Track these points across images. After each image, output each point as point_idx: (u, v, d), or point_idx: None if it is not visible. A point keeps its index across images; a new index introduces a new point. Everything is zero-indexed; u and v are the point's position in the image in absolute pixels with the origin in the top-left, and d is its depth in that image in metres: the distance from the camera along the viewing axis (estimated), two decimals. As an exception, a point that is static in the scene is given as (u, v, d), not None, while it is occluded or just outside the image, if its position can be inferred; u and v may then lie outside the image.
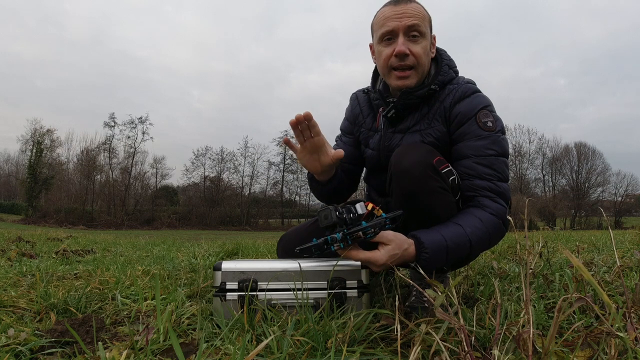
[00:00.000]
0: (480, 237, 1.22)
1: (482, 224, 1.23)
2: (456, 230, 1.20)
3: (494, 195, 1.28)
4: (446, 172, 1.24)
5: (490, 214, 1.25)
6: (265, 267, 1.21)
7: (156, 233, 16.48)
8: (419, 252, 1.17)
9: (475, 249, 1.24)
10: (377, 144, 1.48)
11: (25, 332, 1.06)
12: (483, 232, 1.22)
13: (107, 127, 36.42)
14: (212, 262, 2.52)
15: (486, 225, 1.23)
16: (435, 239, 1.17)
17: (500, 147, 1.31)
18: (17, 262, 2.52)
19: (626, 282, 1.52)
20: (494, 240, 1.29)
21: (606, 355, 0.84)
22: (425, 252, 1.16)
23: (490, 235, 1.24)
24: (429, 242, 1.17)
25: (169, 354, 0.95)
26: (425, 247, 1.16)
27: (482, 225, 1.23)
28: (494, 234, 1.26)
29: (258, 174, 39.37)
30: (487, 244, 1.28)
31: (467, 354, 0.81)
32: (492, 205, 1.26)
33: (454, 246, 1.18)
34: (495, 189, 1.28)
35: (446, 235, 1.18)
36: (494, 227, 1.24)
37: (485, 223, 1.23)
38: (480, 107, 1.33)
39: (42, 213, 32.80)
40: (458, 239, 1.19)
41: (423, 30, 1.34)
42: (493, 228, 1.24)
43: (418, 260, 1.17)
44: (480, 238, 1.22)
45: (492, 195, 1.28)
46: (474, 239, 1.21)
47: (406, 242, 1.17)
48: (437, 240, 1.17)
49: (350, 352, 0.91)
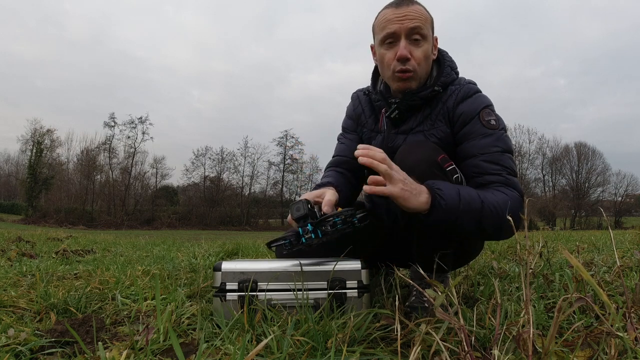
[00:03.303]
0: (492, 204, 1.18)
1: (494, 197, 1.20)
2: (467, 189, 1.19)
3: (506, 186, 1.26)
4: (450, 170, 1.25)
5: (503, 195, 1.22)
6: (265, 267, 1.21)
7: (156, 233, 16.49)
8: (433, 192, 1.13)
9: (487, 216, 1.16)
10: (380, 145, 1.48)
11: (25, 332, 1.06)
12: (496, 202, 1.18)
13: (107, 127, 36.48)
14: (212, 262, 2.52)
15: (498, 200, 1.19)
16: (448, 186, 1.16)
17: (504, 143, 1.31)
18: (17, 262, 2.52)
19: (626, 282, 1.52)
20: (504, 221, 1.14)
21: (606, 355, 0.84)
22: (439, 192, 1.12)
23: (500, 209, 1.17)
24: (443, 186, 1.15)
25: (169, 354, 0.95)
26: (441, 189, 1.13)
27: (495, 198, 1.20)
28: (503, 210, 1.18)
29: (258, 174, 39.43)
30: (498, 220, 1.18)
31: (467, 354, 0.81)
32: (506, 191, 1.24)
33: (467, 197, 1.15)
34: (507, 182, 1.26)
35: (459, 187, 1.17)
36: (505, 205, 1.19)
37: (498, 198, 1.20)
38: (482, 106, 1.34)
39: (42, 213, 32.79)
40: (469, 193, 1.17)
41: (425, 32, 1.33)
42: (505, 205, 1.19)
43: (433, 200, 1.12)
44: (492, 205, 1.17)
45: (504, 186, 1.26)
46: (485, 202, 1.17)
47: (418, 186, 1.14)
48: (451, 187, 1.16)
49: (350, 352, 0.91)
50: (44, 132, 36.21)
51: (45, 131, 36.27)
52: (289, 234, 1.25)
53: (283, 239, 1.25)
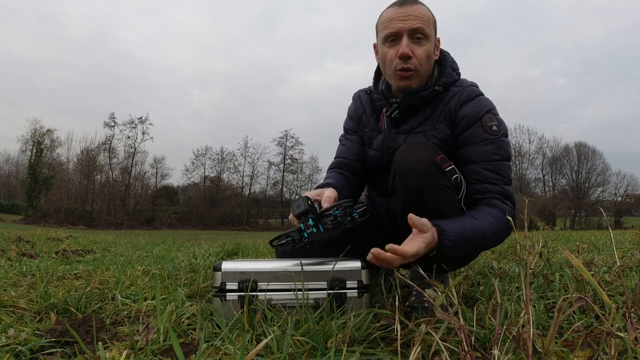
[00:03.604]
0: (493, 231, 1.26)
1: (493, 219, 1.27)
2: (473, 222, 1.23)
3: (502, 197, 1.32)
4: (449, 170, 1.26)
5: (499, 212, 1.29)
6: (265, 267, 1.21)
7: (156, 233, 16.48)
8: (441, 239, 1.16)
9: (488, 243, 1.28)
10: (381, 145, 1.49)
11: (25, 332, 1.06)
12: (495, 228, 1.26)
13: (107, 127, 36.41)
14: (212, 262, 2.52)
15: (497, 221, 1.27)
16: (456, 227, 1.19)
17: (504, 151, 1.35)
18: (17, 262, 2.52)
19: (626, 282, 1.52)
20: (502, 237, 1.33)
21: (606, 355, 0.84)
22: (447, 240, 1.16)
23: (500, 231, 1.28)
24: (451, 229, 1.17)
25: (169, 354, 0.95)
26: (448, 234, 1.16)
27: (494, 221, 1.26)
28: (503, 230, 1.29)
29: (258, 174, 39.41)
30: (497, 240, 1.32)
31: (467, 354, 0.81)
32: (501, 206, 1.30)
33: (472, 237, 1.20)
34: (503, 192, 1.32)
35: (465, 226, 1.20)
36: (503, 225, 1.28)
37: (496, 219, 1.27)
38: (485, 110, 1.36)
39: (42, 213, 32.78)
40: (475, 230, 1.22)
41: (427, 32, 1.34)
42: (502, 225, 1.28)
43: (440, 247, 1.16)
44: (492, 233, 1.26)
45: (500, 197, 1.32)
46: (487, 232, 1.24)
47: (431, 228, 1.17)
48: (459, 229, 1.19)
49: (350, 352, 0.91)
50: (44, 132, 36.21)
51: (45, 131, 36.28)
52: (290, 231, 1.27)
53: (286, 236, 1.27)
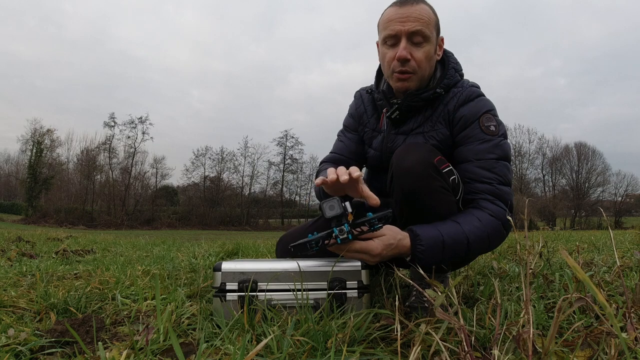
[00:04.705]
0: (479, 236, 1.22)
1: (480, 223, 1.23)
2: (453, 227, 1.20)
3: (494, 197, 1.28)
4: (447, 171, 1.25)
5: (489, 215, 1.25)
6: (265, 267, 1.21)
7: (156, 233, 16.48)
8: (414, 244, 1.16)
9: (474, 249, 1.23)
10: (380, 145, 1.49)
11: (25, 332, 1.06)
12: (481, 232, 1.22)
13: (107, 127, 36.46)
14: (212, 262, 2.52)
15: (485, 225, 1.23)
16: (431, 233, 1.17)
17: (501, 150, 1.31)
18: (17, 262, 2.52)
19: (626, 282, 1.52)
20: (493, 242, 1.28)
21: (606, 355, 0.84)
22: (420, 245, 1.16)
23: (489, 235, 1.24)
24: (425, 235, 1.17)
25: (169, 354, 0.95)
26: (421, 240, 1.16)
27: (481, 225, 1.23)
28: (493, 235, 1.25)
29: (258, 174, 39.43)
30: (487, 245, 1.27)
31: (467, 354, 0.81)
32: (491, 207, 1.26)
33: (450, 242, 1.18)
34: (495, 192, 1.28)
35: (442, 231, 1.18)
36: (493, 229, 1.24)
37: (484, 223, 1.23)
38: (483, 110, 1.34)
39: (42, 213, 32.78)
40: (455, 235, 1.19)
41: (427, 34, 1.32)
42: (492, 229, 1.24)
43: (413, 252, 1.17)
44: (478, 237, 1.22)
45: (491, 198, 1.28)
46: (471, 237, 1.20)
47: (400, 233, 1.18)
48: (433, 235, 1.17)
49: (350, 352, 0.91)
50: (44, 132, 36.22)
51: (45, 131, 36.28)
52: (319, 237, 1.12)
53: (308, 243, 1.11)
